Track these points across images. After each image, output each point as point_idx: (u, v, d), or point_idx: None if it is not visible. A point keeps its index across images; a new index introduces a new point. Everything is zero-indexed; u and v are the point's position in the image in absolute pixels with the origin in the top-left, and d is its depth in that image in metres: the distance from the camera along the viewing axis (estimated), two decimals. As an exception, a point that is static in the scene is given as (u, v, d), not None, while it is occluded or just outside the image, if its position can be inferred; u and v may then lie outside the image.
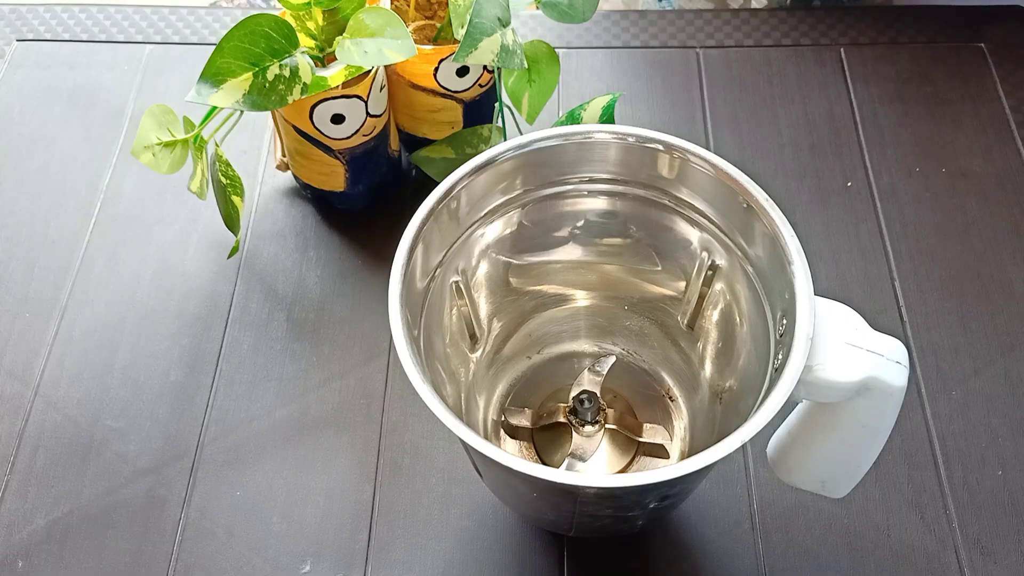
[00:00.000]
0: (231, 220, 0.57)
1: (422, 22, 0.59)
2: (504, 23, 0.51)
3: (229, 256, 0.59)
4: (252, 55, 0.49)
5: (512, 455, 0.36)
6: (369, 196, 0.61)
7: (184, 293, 0.59)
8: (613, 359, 0.50)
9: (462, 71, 0.56)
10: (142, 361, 0.56)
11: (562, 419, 0.49)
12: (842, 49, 0.71)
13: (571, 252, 0.49)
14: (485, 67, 0.57)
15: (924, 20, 0.72)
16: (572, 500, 0.41)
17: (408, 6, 0.59)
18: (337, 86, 0.52)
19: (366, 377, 0.55)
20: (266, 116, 0.63)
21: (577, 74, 0.69)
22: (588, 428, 0.48)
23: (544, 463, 0.50)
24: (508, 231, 0.47)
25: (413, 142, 0.61)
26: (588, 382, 0.49)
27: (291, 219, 0.62)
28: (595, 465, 0.50)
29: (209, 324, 0.57)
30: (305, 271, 0.60)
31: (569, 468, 0.47)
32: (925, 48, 0.71)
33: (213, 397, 0.55)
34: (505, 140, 0.44)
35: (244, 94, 0.49)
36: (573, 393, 0.48)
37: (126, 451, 0.53)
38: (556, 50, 0.57)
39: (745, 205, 0.42)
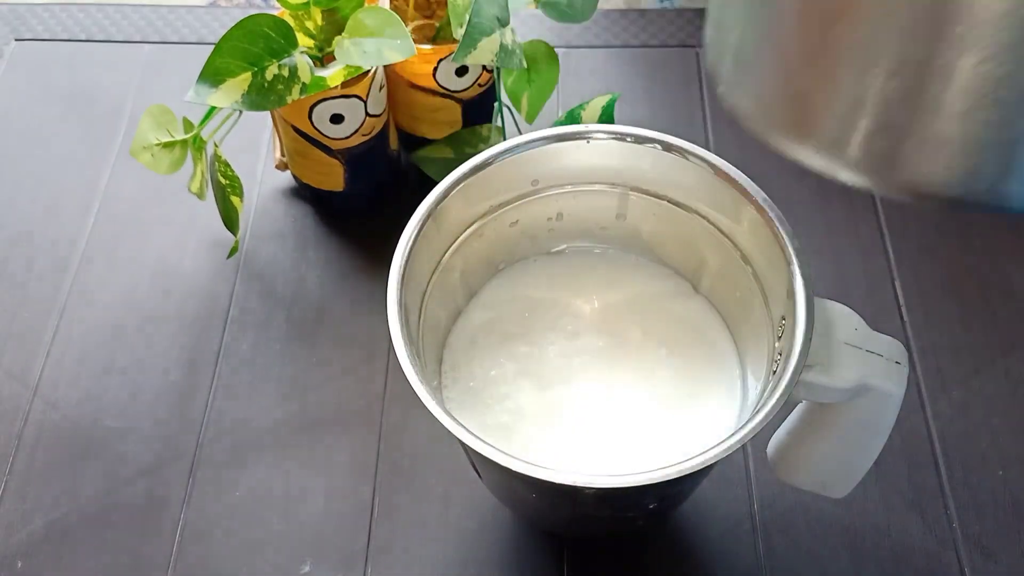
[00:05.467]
0: (230, 220, 0.57)
1: (421, 21, 0.59)
2: (503, 23, 0.51)
3: (228, 256, 0.59)
4: (251, 55, 0.49)
5: (511, 455, 0.36)
6: (368, 196, 0.61)
7: (183, 293, 0.59)
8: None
9: (461, 71, 0.56)
10: (141, 361, 0.56)
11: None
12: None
13: (570, 252, 0.49)
14: (484, 67, 0.56)
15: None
16: (571, 500, 0.41)
17: (407, 5, 0.59)
18: (336, 86, 0.51)
19: (366, 377, 0.55)
20: (265, 116, 0.63)
21: (576, 73, 0.69)
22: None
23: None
24: (507, 230, 0.47)
25: (412, 142, 0.61)
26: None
27: (290, 219, 0.62)
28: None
29: (208, 324, 0.57)
30: (304, 271, 0.59)
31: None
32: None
33: (212, 397, 0.54)
34: (504, 140, 0.44)
35: (243, 94, 0.49)
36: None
37: (125, 451, 0.53)
38: (555, 49, 0.57)
39: (744, 205, 0.42)
